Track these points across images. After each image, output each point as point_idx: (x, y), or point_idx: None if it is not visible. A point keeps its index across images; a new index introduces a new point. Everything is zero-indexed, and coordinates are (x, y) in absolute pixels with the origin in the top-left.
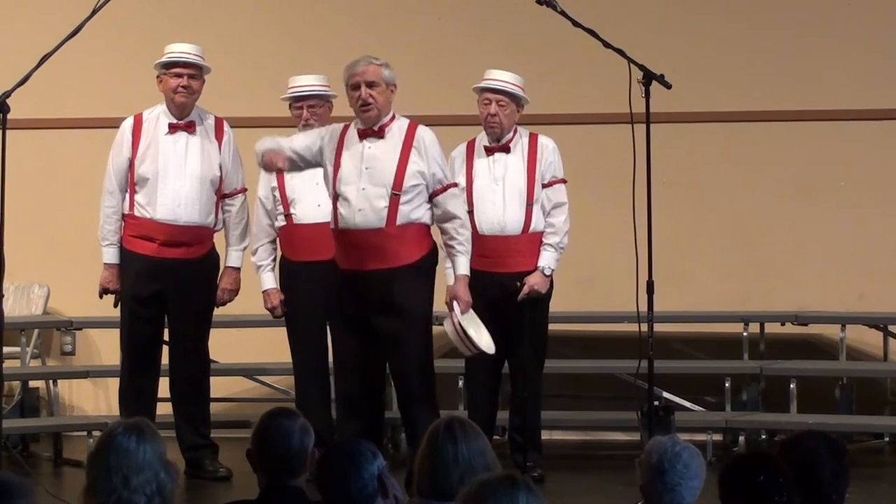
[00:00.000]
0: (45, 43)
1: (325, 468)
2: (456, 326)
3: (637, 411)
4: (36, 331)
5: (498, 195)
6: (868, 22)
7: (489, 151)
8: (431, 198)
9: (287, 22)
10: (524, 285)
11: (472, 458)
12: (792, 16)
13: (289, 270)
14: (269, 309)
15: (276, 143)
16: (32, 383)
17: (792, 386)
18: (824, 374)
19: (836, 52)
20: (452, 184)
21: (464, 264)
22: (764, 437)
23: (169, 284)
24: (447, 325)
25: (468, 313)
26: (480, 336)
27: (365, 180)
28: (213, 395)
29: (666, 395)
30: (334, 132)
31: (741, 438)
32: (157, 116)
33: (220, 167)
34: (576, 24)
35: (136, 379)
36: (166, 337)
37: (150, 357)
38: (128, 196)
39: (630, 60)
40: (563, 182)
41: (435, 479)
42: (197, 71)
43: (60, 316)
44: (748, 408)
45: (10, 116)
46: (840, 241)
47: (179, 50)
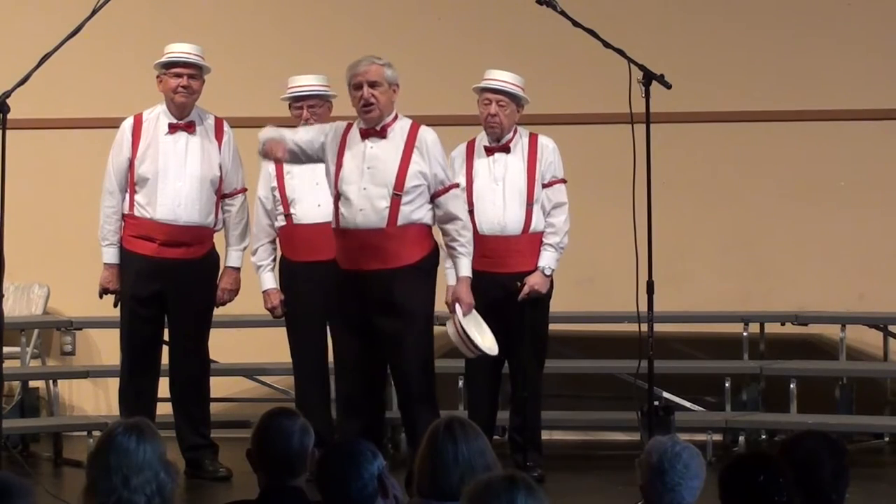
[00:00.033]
0: (45, 43)
1: (325, 468)
2: (458, 328)
3: (637, 411)
4: (36, 331)
5: (498, 195)
6: (868, 22)
7: (489, 151)
8: (433, 198)
9: (287, 22)
10: (524, 285)
11: (472, 458)
12: (792, 16)
13: (289, 270)
14: (269, 309)
15: (278, 133)
16: (32, 383)
17: (792, 386)
18: (824, 374)
19: (836, 52)
20: (454, 184)
21: (466, 266)
22: (764, 437)
23: (169, 284)
24: (449, 327)
25: (471, 314)
26: (483, 337)
27: (367, 180)
28: (213, 395)
29: (666, 395)
30: (337, 130)
31: (741, 438)
32: (157, 116)
33: (220, 167)
34: (576, 24)
35: (136, 379)
36: (166, 337)
37: (150, 357)
38: (128, 196)
39: (630, 60)
40: (563, 182)
41: (435, 479)
42: (197, 71)
43: (60, 316)
44: (748, 408)
45: (10, 116)
46: (840, 241)
47: (179, 50)
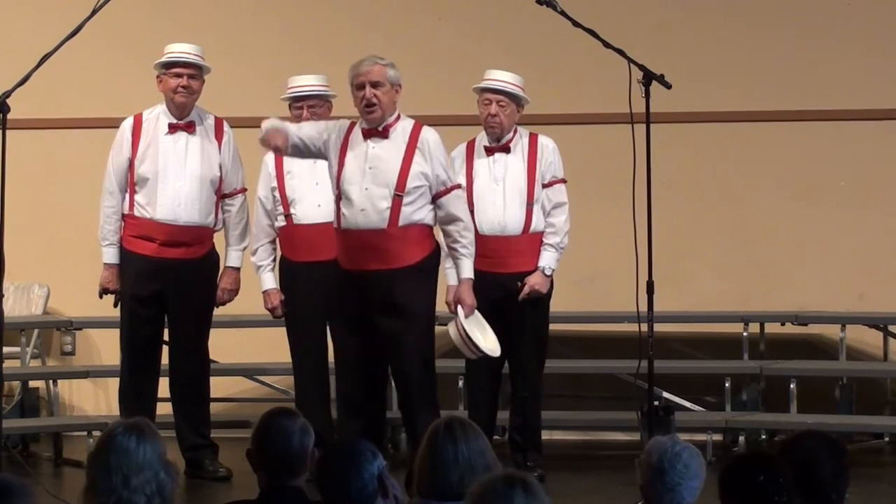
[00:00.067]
0: (45, 43)
1: (325, 468)
2: (460, 330)
3: (637, 411)
4: (36, 331)
5: (498, 195)
6: (868, 22)
7: (489, 151)
8: (435, 199)
9: (287, 22)
10: (525, 285)
11: (472, 458)
12: (792, 16)
13: (289, 271)
14: (269, 309)
15: (282, 125)
16: (32, 383)
17: (792, 386)
18: (824, 374)
19: (836, 52)
20: (456, 185)
21: (468, 267)
22: (764, 437)
23: (169, 284)
24: (451, 328)
25: (473, 316)
26: (486, 339)
27: (368, 180)
28: (213, 395)
29: (666, 395)
30: (341, 128)
31: (741, 438)
32: (157, 116)
33: (220, 167)
34: (576, 24)
35: (136, 379)
36: (166, 337)
37: (150, 357)
38: (128, 196)
39: (630, 60)
40: (564, 182)
41: (435, 479)
42: (197, 71)
43: (60, 316)
44: (748, 408)
45: (10, 116)
46: (840, 241)
47: (179, 50)
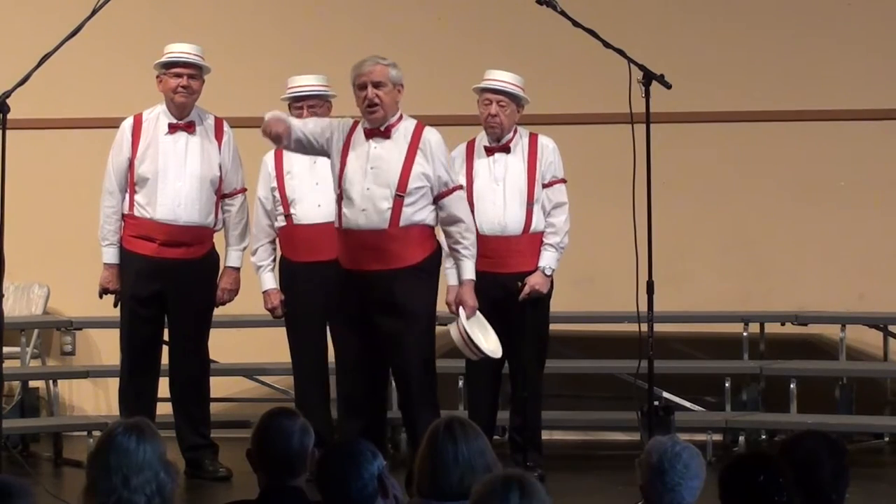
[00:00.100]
0: (45, 43)
1: (325, 468)
2: (461, 331)
3: (637, 411)
4: (36, 331)
5: (498, 195)
6: (868, 22)
7: (489, 151)
8: (436, 200)
9: (287, 22)
10: (525, 285)
11: (472, 458)
12: (792, 16)
13: (289, 271)
14: (269, 309)
15: (285, 117)
16: (32, 383)
17: (792, 386)
18: (824, 374)
19: (836, 52)
20: (458, 186)
21: (469, 269)
22: (764, 437)
23: (169, 284)
24: (452, 329)
25: (474, 317)
26: (487, 340)
27: (370, 180)
28: (213, 395)
29: (666, 395)
30: (344, 127)
31: (741, 438)
32: (157, 116)
33: (220, 167)
34: (576, 24)
35: (136, 379)
36: (166, 337)
37: (150, 357)
38: (128, 196)
39: (630, 60)
40: (564, 182)
41: (435, 479)
42: (197, 71)
43: (60, 316)
44: (748, 408)
45: (10, 116)
46: (840, 241)
47: (179, 50)
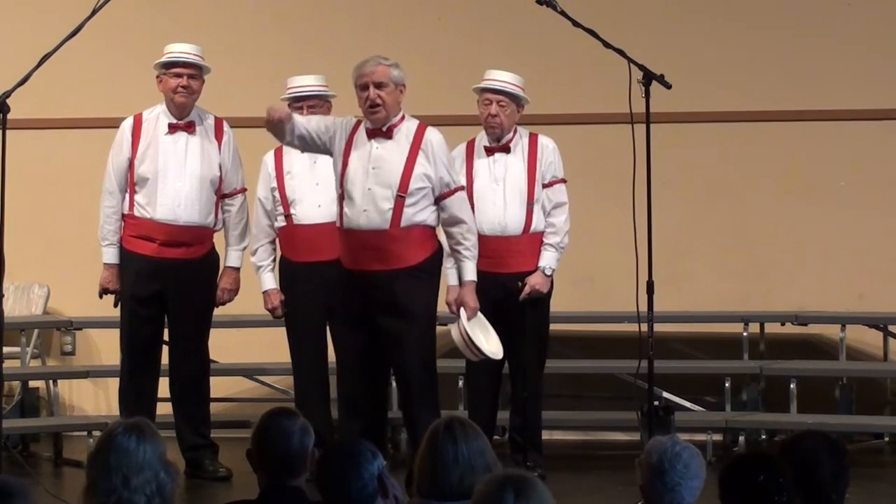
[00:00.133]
0: (45, 43)
1: (325, 468)
2: (462, 333)
3: (637, 411)
4: (36, 331)
5: (498, 195)
6: (868, 22)
7: (489, 152)
8: (438, 201)
9: (287, 22)
10: (525, 285)
11: (472, 458)
12: (792, 16)
13: (289, 271)
14: (269, 309)
15: (289, 111)
16: (32, 383)
17: (792, 386)
18: (824, 374)
19: (836, 52)
20: (460, 187)
21: (470, 270)
22: (764, 437)
23: (169, 284)
24: (453, 330)
25: (476, 318)
26: (489, 341)
27: (371, 180)
28: (213, 395)
29: (666, 395)
30: (347, 126)
31: (741, 438)
32: (157, 116)
33: (220, 167)
34: (576, 24)
35: (136, 379)
36: (166, 337)
37: (150, 357)
38: (127, 196)
39: (630, 60)
40: (564, 182)
41: (435, 479)
42: (197, 71)
43: (60, 316)
44: (748, 408)
45: (10, 116)
46: (840, 241)
47: (179, 50)
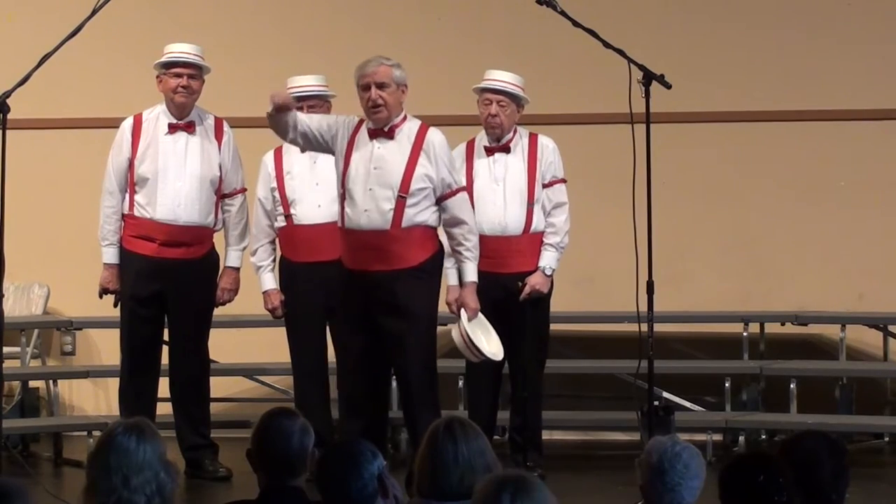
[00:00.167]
0: (45, 43)
1: (325, 468)
2: (462, 333)
3: (637, 411)
4: (36, 331)
5: (499, 195)
6: (868, 22)
7: (489, 152)
8: (439, 201)
9: (287, 22)
10: (525, 285)
11: (472, 458)
12: (792, 16)
13: (289, 271)
14: (269, 310)
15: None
16: (32, 383)
17: (792, 386)
18: (824, 374)
19: (836, 52)
20: (461, 188)
21: (471, 271)
22: (764, 437)
23: (169, 284)
24: (454, 331)
25: (476, 319)
26: (489, 342)
27: (373, 181)
28: (213, 395)
29: (666, 395)
30: (349, 125)
31: (741, 438)
32: (157, 116)
33: (220, 167)
34: (576, 24)
35: (136, 379)
36: (166, 337)
37: (150, 357)
38: (127, 196)
39: (630, 60)
40: (564, 182)
41: (435, 479)
42: (197, 71)
43: (60, 316)
44: (748, 408)
45: (10, 116)
46: (840, 241)
47: (179, 50)
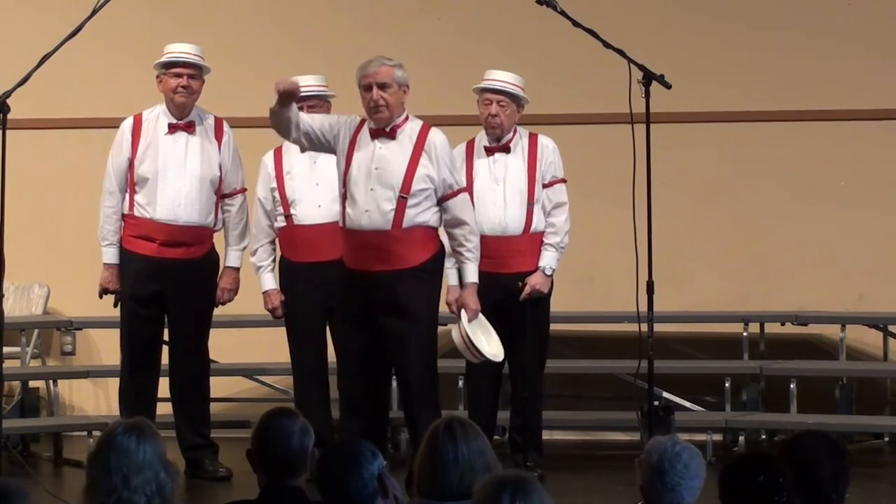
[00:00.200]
0: (45, 43)
1: (325, 468)
2: (462, 334)
3: (637, 411)
4: (36, 331)
5: (499, 195)
6: (868, 22)
7: (489, 152)
8: (440, 202)
9: (287, 22)
10: (526, 285)
11: (472, 458)
12: (792, 16)
13: (289, 271)
14: (269, 310)
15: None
16: (32, 383)
17: (792, 386)
18: (824, 374)
19: (836, 52)
20: (462, 188)
21: (472, 272)
22: (764, 437)
23: (169, 284)
24: (454, 332)
25: (477, 319)
26: (490, 342)
27: (374, 181)
28: (213, 395)
29: (666, 395)
30: (351, 125)
31: (741, 438)
32: (157, 116)
33: (220, 167)
34: (576, 24)
35: (136, 379)
36: (166, 337)
37: (150, 357)
38: (127, 196)
39: (630, 60)
40: (564, 182)
41: (435, 479)
42: (197, 71)
43: (60, 316)
44: (748, 408)
45: (10, 116)
46: (840, 241)
47: (179, 50)
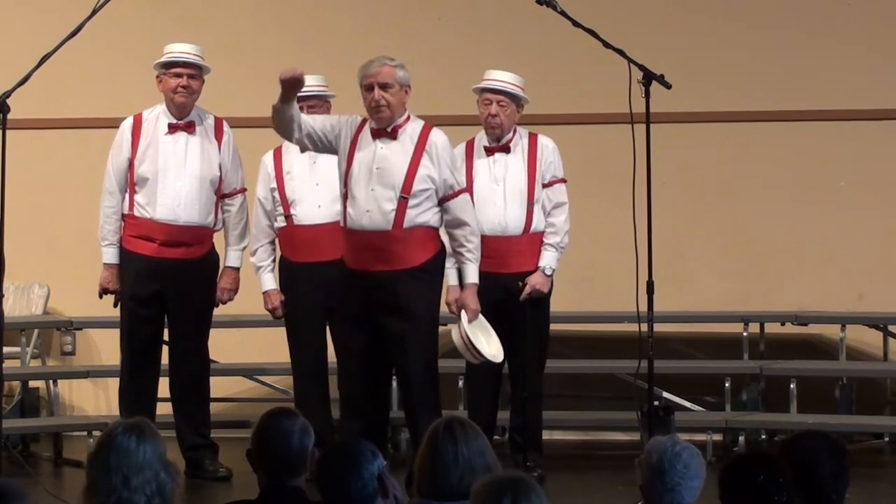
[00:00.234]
0: (45, 43)
1: (325, 468)
2: (462, 335)
3: (637, 411)
4: (36, 331)
5: (498, 195)
6: (868, 22)
7: (489, 152)
8: (441, 202)
9: (287, 22)
10: (526, 285)
11: (472, 458)
12: (792, 16)
13: (289, 271)
14: (269, 310)
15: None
16: (32, 383)
17: (792, 386)
18: (824, 374)
19: (836, 52)
20: (463, 189)
21: (473, 272)
22: (764, 437)
23: (169, 284)
24: (454, 332)
25: (477, 320)
26: (490, 343)
27: (375, 181)
28: (213, 395)
29: (666, 395)
30: (352, 124)
31: (741, 438)
32: (157, 116)
33: (220, 167)
34: (576, 24)
35: (136, 379)
36: (166, 337)
37: (150, 357)
38: (127, 196)
39: (630, 60)
40: (564, 182)
41: (435, 479)
42: (197, 71)
43: (60, 316)
44: (748, 408)
45: (10, 116)
46: (840, 241)
47: (179, 50)
